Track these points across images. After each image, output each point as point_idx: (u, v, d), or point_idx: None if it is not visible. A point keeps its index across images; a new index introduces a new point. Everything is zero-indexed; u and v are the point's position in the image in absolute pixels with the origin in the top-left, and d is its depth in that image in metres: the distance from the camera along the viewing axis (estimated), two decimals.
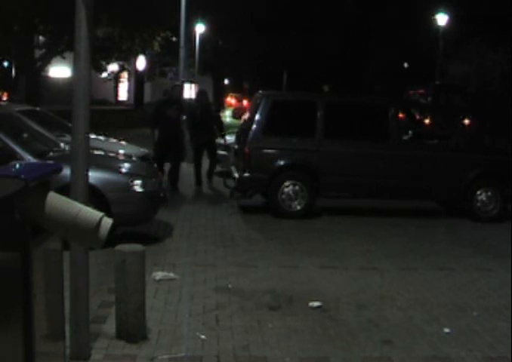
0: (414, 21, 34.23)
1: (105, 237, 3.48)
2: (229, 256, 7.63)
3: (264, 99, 10.45)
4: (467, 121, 22.92)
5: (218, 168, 13.21)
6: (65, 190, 3.98)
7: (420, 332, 5.35)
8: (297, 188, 10.09)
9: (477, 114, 22.83)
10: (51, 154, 7.94)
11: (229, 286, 6.40)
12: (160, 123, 12.05)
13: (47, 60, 26.00)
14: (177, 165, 12.24)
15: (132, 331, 4.83)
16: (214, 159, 12.95)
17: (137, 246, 4.96)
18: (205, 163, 13.00)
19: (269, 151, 10.24)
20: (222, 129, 13.18)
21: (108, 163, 8.28)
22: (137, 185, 7.79)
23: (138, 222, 8.04)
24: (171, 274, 6.58)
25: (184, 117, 12.54)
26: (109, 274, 5.75)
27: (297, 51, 40.55)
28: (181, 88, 13.05)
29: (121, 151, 10.27)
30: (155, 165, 10.59)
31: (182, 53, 22.12)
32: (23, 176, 3.29)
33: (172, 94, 12.88)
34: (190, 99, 23.42)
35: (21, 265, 3.23)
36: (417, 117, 12.71)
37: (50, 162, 6.68)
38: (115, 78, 44.75)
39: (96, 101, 33.63)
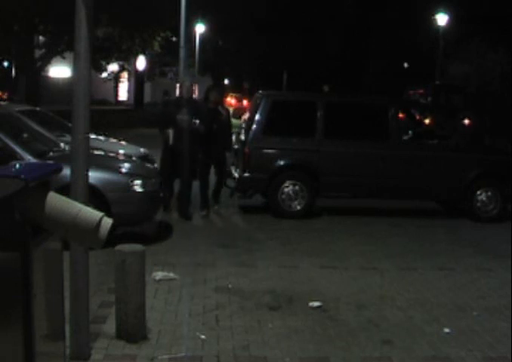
0: (414, 21, 34.23)
1: (105, 237, 3.48)
2: (229, 256, 7.62)
3: (264, 99, 10.45)
4: (467, 121, 22.92)
5: None
6: (65, 190, 3.98)
7: (420, 332, 5.35)
8: (297, 188, 10.09)
9: (477, 114, 22.83)
10: (51, 154, 7.94)
11: (229, 286, 6.40)
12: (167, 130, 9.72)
13: (47, 60, 26.04)
14: (189, 185, 9.73)
15: (132, 331, 4.83)
16: (222, 178, 10.42)
17: (137, 246, 4.96)
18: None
19: (269, 151, 10.24)
20: (229, 134, 10.70)
21: (108, 163, 8.28)
22: (137, 185, 7.79)
23: (138, 222, 8.04)
24: (171, 274, 6.58)
25: (197, 121, 9.61)
26: (109, 274, 5.75)
27: (297, 51, 40.54)
28: (191, 86, 10.15)
29: (121, 151, 10.27)
30: (163, 184, 8.98)
31: (182, 53, 22.16)
32: (23, 176, 3.29)
33: (182, 93, 10.11)
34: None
35: (21, 265, 3.23)
36: (417, 117, 12.68)
37: (50, 162, 6.68)
38: (115, 78, 44.81)
39: (96, 101, 33.68)
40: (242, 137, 10.62)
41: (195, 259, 7.42)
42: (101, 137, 11.45)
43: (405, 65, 42.79)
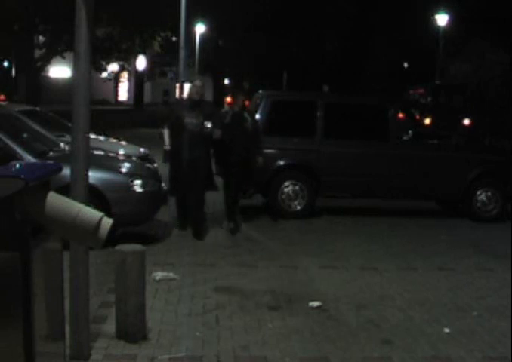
0: (415, 21, 34.24)
1: (105, 237, 3.48)
2: (229, 256, 7.63)
3: (264, 99, 10.45)
4: (467, 121, 22.94)
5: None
6: (65, 190, 3.98)
7: (420, 332, 5.35)
8: (297, 188, 10.09)
9: (477, 114, 22.85)
10: (51, 154, 7.94)
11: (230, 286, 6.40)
12: (173, 136, 8.58)
13: (47, 60, 26.05)
14: (201, 200, 8.55)
15: (132, 331, 4.83)
16: (236, 191, 9.24)
17: (137, 246, 4.96)
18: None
19: (269, 151, 10.23)
20: (259, 144, 9.34)
21: (108, 163, 8.28)
22: (137, 185, 7.79)
23: (138, 222, 8.04)
24: (171, 274, 6.58)
25: (208, 124, 8.53)
26: (109, 274, 5.75)
27: (297, 51, 40.55)
28: (203, 86, 8.83)
29: (121, 151, 10.27)
30: (176, 202, 8.73)
31: (182, 53, 22.16)
32: (23, 176, 3.29)
33: (191, 93, 8.68)
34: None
35: (21, 265, 3.23)
36: (417, 117, 12.72)
37: (50, 162, 6.68)
38: (115, 78, 44.81)
39: (96, 101, 33.70)
40: None
41: (195, 259, 7.42)
42: (101, 137, 11.45)
43: (405, 65, 42.80)
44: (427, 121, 21.78)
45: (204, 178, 8.50)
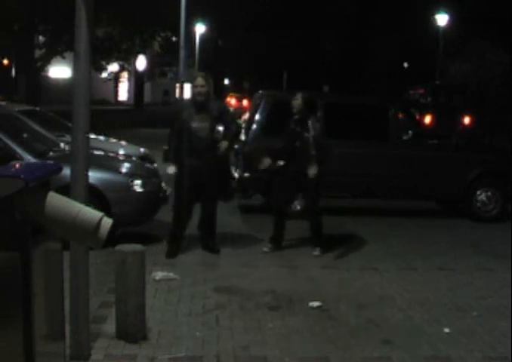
0: (415, 21, 34.26)
1: (105, 237, 3.49)
2: (229, 256, 7.62)
3: (264, 99, 10.44)
4: (467, 121, 22.95)
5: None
6: (65, 190, 3.98)
7: (420, 332, 5.34)
8: None
9: (477, 113, 22.85)
10: (51, 154, 7.94)
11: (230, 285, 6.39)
12: (177, 142, 7.38)
13: (47, 60, 26.07)
14: (214, 212, 7.76)
15: (132, 331, 4.83)
16: (316, 212, 8.12)
17: (137, 246, 4.96)
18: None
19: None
20: (320, 152, 7.89)
21: (108, 163, 8.29)
22: (137, 185, 7.79)
23: (138, 222, 8.03)
24: (171, 274, 6.58)
25: (220, 128, 7.48)
26: (109, 274, 5.75)
27: (297, 51, 40.59)
28: (209, 80, 7.69)
29: (121, 151, 10.27)
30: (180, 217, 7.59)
31: (182, 53, 22.18)
32: (23, 176, 3.29)
33: (193, 95, 7.52)
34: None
35: (21, 265, 3.23)
36: (417, 117, 12.71)
37: (50, 162, 6.68)
38: (115, 78, 44.83)
39: (96, 101, 33.70)
40: (242, 137, 10.61)
41: (195, 259, 7.42)
42: (101, 137, 11.45)
43: (405, 65, 42.83)
44: (427, 120, 21.79)
45: (215, 188, 7.52)
